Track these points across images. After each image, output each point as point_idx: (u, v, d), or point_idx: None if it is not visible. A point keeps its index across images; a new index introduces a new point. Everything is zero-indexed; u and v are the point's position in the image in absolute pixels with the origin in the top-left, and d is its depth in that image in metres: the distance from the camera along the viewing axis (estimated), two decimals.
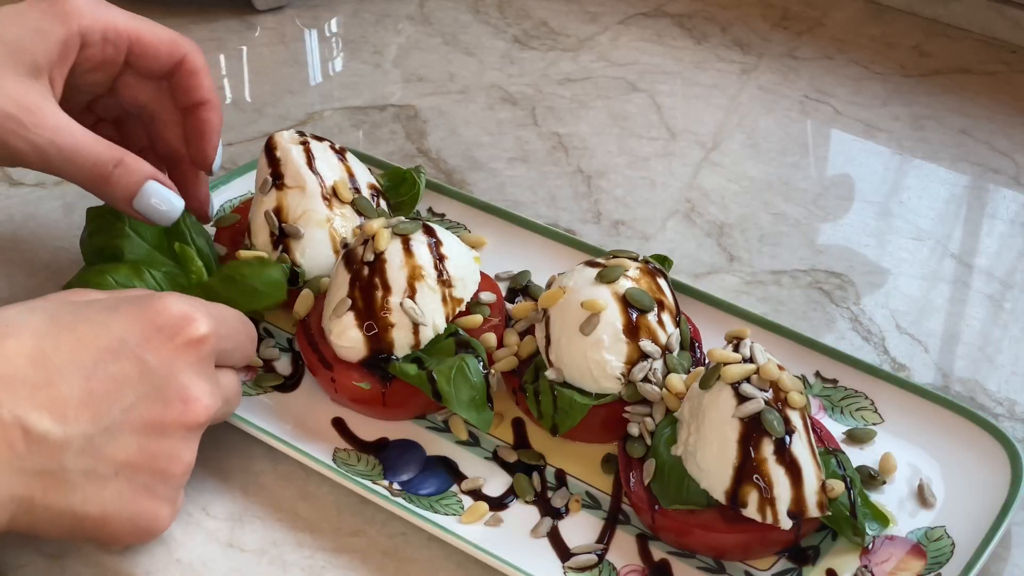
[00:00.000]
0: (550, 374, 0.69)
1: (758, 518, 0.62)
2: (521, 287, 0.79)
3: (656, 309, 0.69)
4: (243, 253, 0.75)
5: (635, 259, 0.71)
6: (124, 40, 0.72)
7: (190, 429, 0.60)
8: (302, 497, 0.67)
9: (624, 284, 0.69)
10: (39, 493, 0.56)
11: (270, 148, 0.78)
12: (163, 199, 0.70)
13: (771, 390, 0.62)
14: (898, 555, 0.63)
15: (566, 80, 1.04)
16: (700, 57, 1.07)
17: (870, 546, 0.64)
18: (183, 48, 0.74)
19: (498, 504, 0.66)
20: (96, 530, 0.59)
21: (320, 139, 0.79)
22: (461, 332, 0.71)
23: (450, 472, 0.68)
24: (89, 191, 0.70)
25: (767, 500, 0.61)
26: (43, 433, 0.55)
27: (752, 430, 0.61)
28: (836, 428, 0.70)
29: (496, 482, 0.68)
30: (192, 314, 0.60)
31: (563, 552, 0.64)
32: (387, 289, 0.69)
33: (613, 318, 0.68)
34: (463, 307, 0.72)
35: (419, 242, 0.71)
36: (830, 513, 0.63)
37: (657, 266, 0.72)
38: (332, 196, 0.77)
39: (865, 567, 0.63)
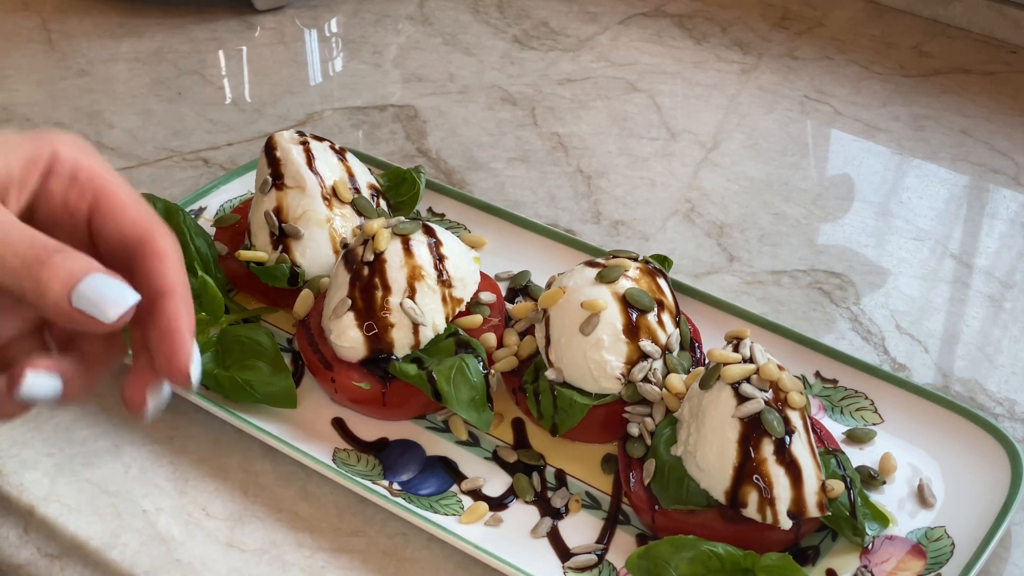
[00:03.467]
0: (550, 374, 0.69)
1: (758, 518, 0.62)
2: (521, 287, 0.79)
3: (656, 309, 0.69)
4: (243, 253, 0.75)
5: (635, 259, 0.71)
6: (91, 188, 0.59)
7: None
8: (302, 497, 0.67)
9: (624, 284, 0.69)
10: None
11: (270, 148, 0.78)
12: (108, 289, 0.55)
13: (771, 390, 0.62)
14: (898, 555, 0.63)
15: (566, 80, 1.04)
16: (700, 57, 1.07)
17: (870, 546, 0.64)
18: (149, 225, 0.60)
19: (498, 504, 0.66)
20: None
21: (320, 139, 0.79)
22: (461, 332, 0.71)
23: (450, 472, 0.68)
24: (15, 285, 0.54)
25: (767, 500, 0.61)
26: None
27: (752, 430, 0.61)
28: (836, 428, 0.70)
29: (496, 482, 0.68)
30: None
31: (563, 552, 0.64)
32: (387, 289, 0.69)
33: (613, 318, 0.68)
34: (463, 307, 0.72)
35: (419, 242, 0.71)
36: (830, 513, 0.63)
37: (657, 266, 0.72)
38: (332, 196, 0.77)
39: (865, 567, 0.63)
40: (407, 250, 0.70)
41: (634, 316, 0.68)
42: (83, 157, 0.58)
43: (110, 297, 0.55)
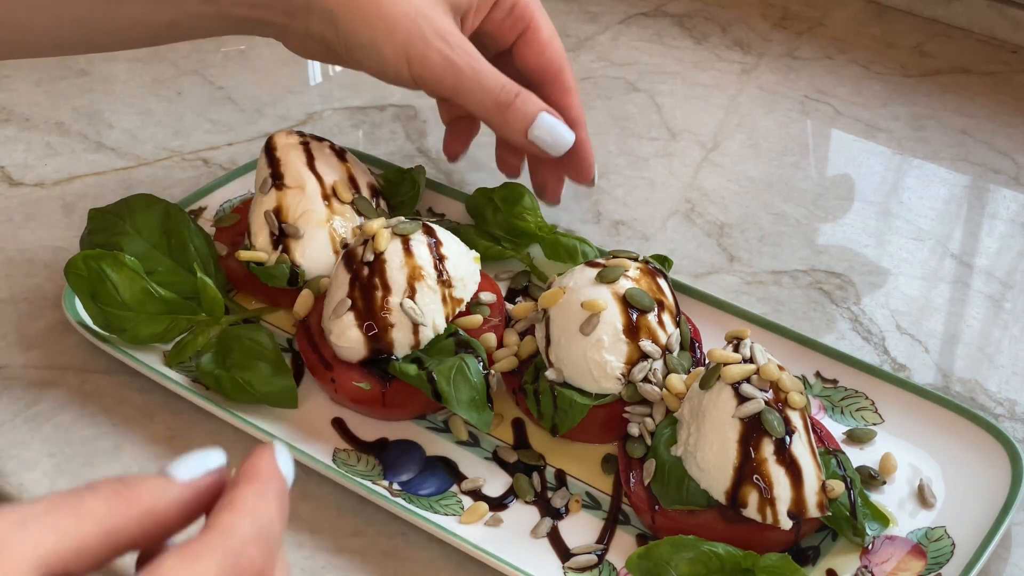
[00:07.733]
0: (550, 374, 0.69)
1: (758, 518, 0.62)
2: (521, 287, 0.79)
3: (656, 309, 0.69)
4: (243, 253, 0.75)
5: (635, 259, 0.71)
6: (523, 21, 0.77)
7: None
8: (302, 497, 0.67)
9: (624, 284, 0.69)
10: None
11: (270, 148, 0.78)
12: (555, 131, 0.74)
13: (771, 390, 0.62)
14: (898, 555, 0.63)
15: None
16: (700, 57, 1.07)
17: (870, 546, 0.64)
18: (562, 63, 0.78)
19: (498, 504, 0.66)
20: None
21: (320, 139, 0.79)
22: (461, 332, 0.71)
23: (450, 472, 0.68)
24: (485, 118, 0.75)
25: (767, 500, 0.61)
26: None
27: (752, 430, 0.61)
28: (836, 428, 0.70)
29: (496, 482, 0.68)
30: None
31: (563, 552, 0.64)
32: (387, 289, 0.69)
33: (613, 318, 0.67)
34: (463, 307, 0.72)
35: (419, 242, 0.71)
36: (830, 513, 0.63)
37: (657, 266, 0.72)
38: (332, 196, 0.77)
39: (865, 567, 0.63)
40: (407, 250, 0.70)
41: (634, 316, 0.68)
42: None
43: (558, 136, 0.75)
